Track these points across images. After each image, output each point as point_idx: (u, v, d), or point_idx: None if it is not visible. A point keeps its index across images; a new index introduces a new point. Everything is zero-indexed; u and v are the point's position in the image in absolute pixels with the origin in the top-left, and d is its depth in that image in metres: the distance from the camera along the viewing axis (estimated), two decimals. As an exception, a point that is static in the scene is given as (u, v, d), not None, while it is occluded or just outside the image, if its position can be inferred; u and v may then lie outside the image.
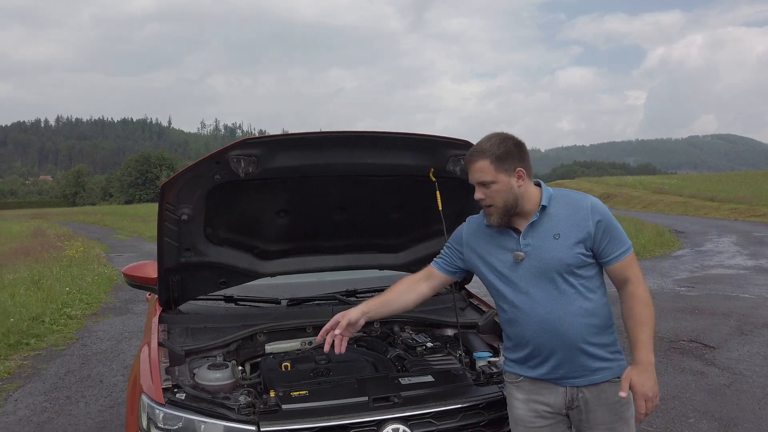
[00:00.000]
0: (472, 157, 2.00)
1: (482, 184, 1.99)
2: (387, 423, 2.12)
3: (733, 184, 37.19)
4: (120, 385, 5.06)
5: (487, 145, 1.99)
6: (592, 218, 1.97)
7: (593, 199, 2.03)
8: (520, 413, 2.11)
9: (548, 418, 2.07)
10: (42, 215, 42.86)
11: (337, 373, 2.44)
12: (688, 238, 16.70)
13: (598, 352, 2.00)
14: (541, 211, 2.00)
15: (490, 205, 2.00)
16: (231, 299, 3.11)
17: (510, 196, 1.98)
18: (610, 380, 2.02)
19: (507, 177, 1.97)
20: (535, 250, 1.99)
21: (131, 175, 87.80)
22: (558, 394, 2.05)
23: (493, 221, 2.02)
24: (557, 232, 1.98)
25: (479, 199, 2.01)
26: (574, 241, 1.96)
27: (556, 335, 1.98)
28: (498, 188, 1.97)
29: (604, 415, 2.01)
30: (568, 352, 1.99)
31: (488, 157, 1.96)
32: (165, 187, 2.42)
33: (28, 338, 6.58)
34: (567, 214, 2.00)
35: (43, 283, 9.78)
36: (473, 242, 2.15)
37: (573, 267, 1.96)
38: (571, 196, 2.05)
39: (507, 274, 2.04)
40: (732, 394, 4.61)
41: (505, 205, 1.99)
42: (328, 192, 2.75)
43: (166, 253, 2.63)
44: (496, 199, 1.98)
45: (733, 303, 7.97)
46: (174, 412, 2.09)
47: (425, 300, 2.32)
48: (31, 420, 4.33)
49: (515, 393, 2.14)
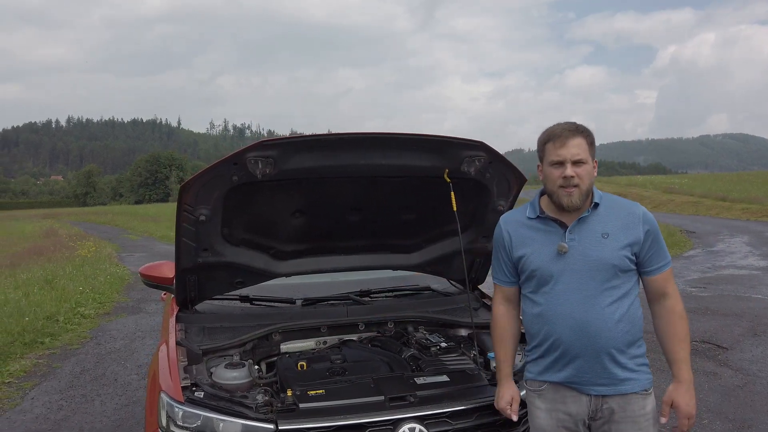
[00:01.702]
0: (570, 133, 1.96)
1: (576, 162, 1.94)
2: (403, 422, 2.13)
3: (745, 183, 36.85)
4: (134, 383, 5.11)
5: (582, 126, 1.99)
6: (643, 225, 1.97)
7: (644, 207, 2.04)
8: (542, 423, 2.07)
9: (571, 428, 2.03)
10: (53, 215, 43.24)
11: (352, 372, 2.46)
12: (699, 238, 16.57)
13: (627, 361, 1.96)
14: (592, 208, 2.00)
15: (576, 186, 1.94)
16: (247, 299, 3.14)
17: (591, 181, 1.98)
18: (637, 392, 1.98)
19: (592, 162, 1.99)
20: (580, 246, 1.97)
21: (141, 176, 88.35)
22: (581, 403, 2.00)
23: (573, 200, 1.95)
24: (606, 231, 1.97)
25: (570, 176, 1.94)
26: (623, 243, 1.95)
27: (586, 336, 1.94)
28: (587, 169, 1.96)
29: (629, 427, 1.96)
30: (595, 356, 1.95)
31: (586, 137, 1.97)
32: (183, 189, 2.44)
33: (43, 337, 6.66)
34: (618, 216, 1.99)
35: (57, 282, 9.88)
36: (516, 235, 2.10)
37: (617, 269, 1.95)
38: (622, 201, 2.07)
39: (547, 266, 2.00)
40: (745, 395, 4.59)
41: (588, 188, 1.97)
42: (343, 193, 2.77)
43: (184, 253, 2.66)
44: (584, 180, 1.95)
45: (746, 304, 7.91)
46: (193, 411, 2.12)
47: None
48: (48, 418, 4.38)
49: (537, 402, 2.09)
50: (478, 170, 2.71)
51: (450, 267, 3.27)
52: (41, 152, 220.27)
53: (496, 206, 2.91)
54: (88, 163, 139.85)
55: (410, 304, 3.17)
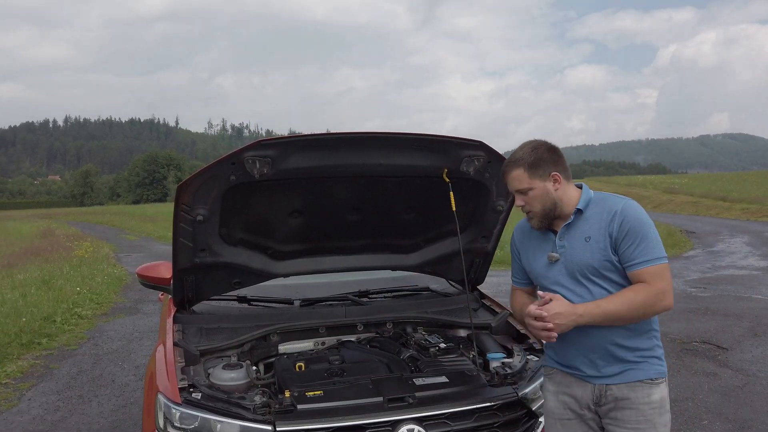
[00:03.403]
0: (507, 168, 2.08)
1: (520, 192, 2.06)
2: (402, 423, 2.12)
3: (745, 183, 36.91)
4: (132, 384, 5.09)
5: (520, 153, 2.05)
6: (618, 220, 1.96)
7: (628, 202, 2.01)
8: (551, 405, 2.19)
9: (575, 411, 2.11)
10: (51, 215, 43.16)
11: (351, 373, 2.45)
12: (699, 238, 16.59)
13: (628, 355, 2.00)
14: (576, 214, 2.04)
15: (530, 211, 2.08)
16: (244, 299, 3.12)
17: (548, 201, 2.03)
18: (642, 380, 2.01)
19: (542, 182, 2.03)
20: (568, 251, 2.04)
21: (139, 175, 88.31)
22: (586, 388, 2.08)
23: (534, 225, 2.10)
24: (588, 235, 2.01)
25: (519, 205, 2.09)
26: (603, 245, 1.98)
27: (584, 334, 2.01)
28: (535, 194, 2.03)
29: (631, 414, 2.01)
30: (592, 350, 2.03)
31: (521, 166, 2.03)
32: (181, 188, 2.43)
33: (40, 338, 6.63)
34: (600, 216, 2.01)
35: (54, 283, 9.85)
36: (522, 244, 2.24)
37: (600, 270, 1.98)
38: (607, 199, 2.05)
39: (544, 273, 2.11)
40: (745, 395, 4.58)
41: (543, 210, 2.05)
42: (341, 193, 2.75)
43: (181, 253, 2.64)
44: (534, 205, 2.05)
45: (746, 304, 7.91)
46: (190, 412, 2.11)
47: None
48: (45, 419, 4.36)
49: (547, 385, 2.22)
50: (478, 170, 2.70)
51: (449, 267, 3.25)
52: (38, 152, 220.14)
53: (496, 206, 2.90)
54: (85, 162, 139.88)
55: (409, 305, 3.15)
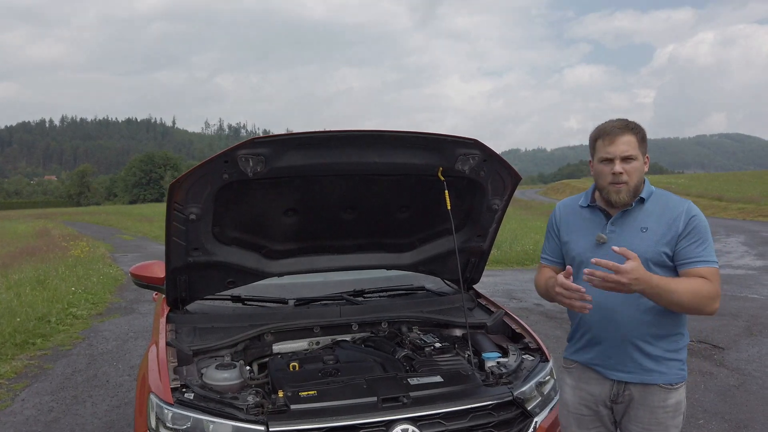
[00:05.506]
0: (620, 130, 1.99)
1: (625, 159, 1.99)
2: (396, 423, 2.11)
3: (741, 183, 37.02)
4: (126, 385, 5.06)
5: (631, 123, 2.02)
6: (684, 218, 1.97)
7: (691, 203, 2.03)
8: (567, 398, 2.22)
9: (592, 407, 2.12)
10: (47, 215, 43.02)
11: (345, 373, 2.43)
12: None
13: (653, 353, 2.00)
14: (638, 202, 2.03)
15: (624, 182, 1.99)
16: (238, 299, 3.10)
17: (640, 177, 2.03)
18: (660, 384, 2.01)
19: (642, 158, 2.02)
20: (619, 238, 2.01)
21: (135, 175, 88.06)
22: (604, 386, 2.08)
23: (621, 198, 2.01)
24: (646, 226, 2.00)
25: (617, 172, 1.99)
26: (660, 238, 1.97)
27: (612, 323, 2.01)
28: (635, 166, 2.00)
29: (645, 414, 2.02)
30: (619, 343, 2.03)
31: (636, 134, 2.01)
32: (173, 187, 2.40)
33: (35, 338, 6.59)
34: (661, 212, 2.01)
35: (49, 283, 9.80)
36: (566, 221, 2.21)
37: (650, 263, 1.95)
38: (671, 197, 2.07)
39: (585, 254, 2.06)
40: (742, 395, 4.58)
41: (636, 185, 2.01)
42: (336, 191, 2.73)
43: (174, 252, 2.62)
44: (632, 176, 2.00)
45: (742, 303, 7.92)
46: (183, 412, 2.09)
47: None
48: (38, 419, 4.33)
49: (567, 379, 2.25)
50: (473, 168, 2.68)
51: (444, 266, 3.24)
52: (35, 152, 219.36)
53: (491, 205, 2.89)
54: (82, 162, 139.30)
55: (404, 304, 3.14)
